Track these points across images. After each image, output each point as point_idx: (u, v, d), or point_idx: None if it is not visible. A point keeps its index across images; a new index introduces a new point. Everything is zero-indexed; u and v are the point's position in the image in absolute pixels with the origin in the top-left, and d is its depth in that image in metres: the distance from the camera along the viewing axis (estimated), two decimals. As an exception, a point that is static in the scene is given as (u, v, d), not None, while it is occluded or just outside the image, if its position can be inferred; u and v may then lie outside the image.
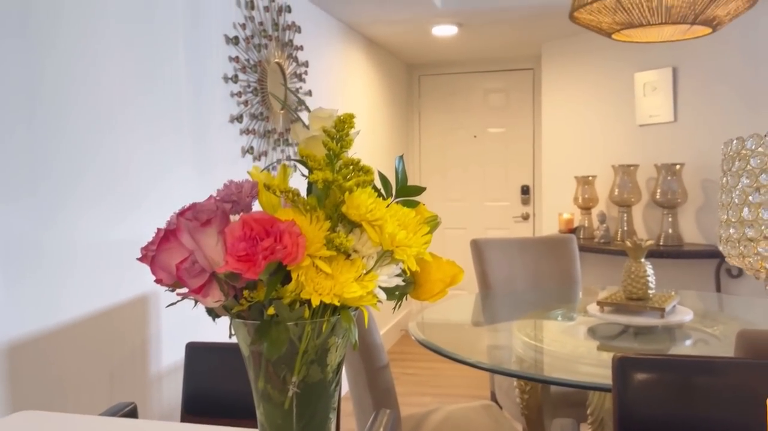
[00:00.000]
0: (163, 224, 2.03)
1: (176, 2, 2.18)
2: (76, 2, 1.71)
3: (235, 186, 0.75)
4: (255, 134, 2.66)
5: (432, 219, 0.68)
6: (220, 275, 0.59)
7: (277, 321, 0.62)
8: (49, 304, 1.60)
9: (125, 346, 1.88)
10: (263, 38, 2.70)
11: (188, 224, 0.58)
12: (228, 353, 1.33)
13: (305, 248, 0.59)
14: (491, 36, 4.12)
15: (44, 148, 1.60)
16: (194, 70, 2.27)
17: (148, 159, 2.01)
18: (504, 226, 4.99)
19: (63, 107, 1.66)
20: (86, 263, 1.73)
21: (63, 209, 1.65)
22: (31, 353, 1.54)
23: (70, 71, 1.69)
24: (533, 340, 1.95)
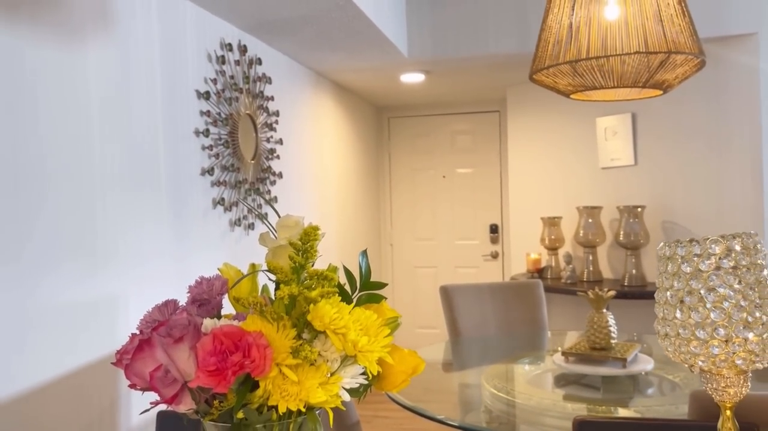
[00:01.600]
0: (135, 279, 2.04)
1: (154, 60, 2.22)
2: (57, 66, 1.74)
3: (206, 284, 0.79)
4: (226, 185, 2.69)
5: (393, 320, 0.72)
6: (191, 387, 0.63)
7: (246, 424, 0.66)
8: (19, 367, 1.60)
9: (93, 408, 1.87)
10: (234, 91, 2.75)
11: (162, 340, 0.62)
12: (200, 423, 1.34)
13: (272, 359, 0.63)
14: (457, 82, 4.23)
15: (20, 222, 1.61)
16: (169, 125, 2.30)
17: (122, 213, 2.02)
18: (474, 264, 5.06)
19: (43, 171, 1.68)
20: (56, 325, 1.73)
21: (33, 275, 1.66)
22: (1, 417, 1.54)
23: (53, 137, 1.71)
24: (500, 391, 1.99)
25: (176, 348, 0.62)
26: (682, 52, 1.71)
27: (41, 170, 1.70)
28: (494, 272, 5.01)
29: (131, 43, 2.11)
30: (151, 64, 2.22)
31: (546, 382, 2.12)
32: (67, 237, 1.79)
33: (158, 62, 2.26)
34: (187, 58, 2.44)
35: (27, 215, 1.65)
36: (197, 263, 2.48)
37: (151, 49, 2.23)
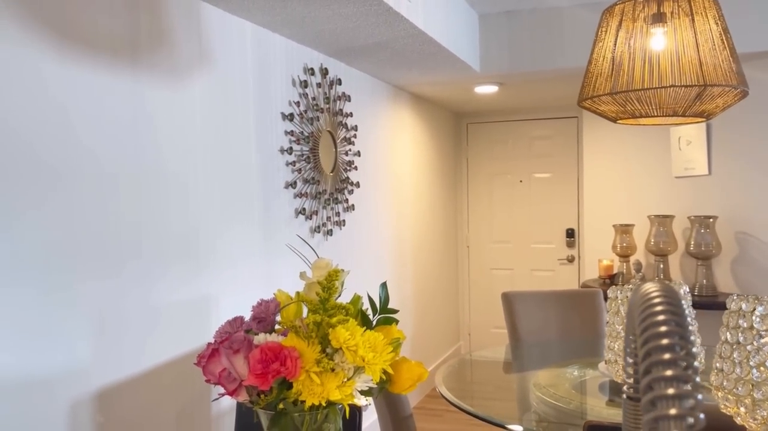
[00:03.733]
0: (229, 282, 2.37)
1: (248, 89, 2.55)
2: (170, 103, 2.08)
3: (264, 305, 1.06)
4: (307, 196, 3.00)
5: (396, 340, 0.95)
6: (246, 385, 0.89)
7: (285, 412, 0.91)
8: (132, 356, 1.96)
9: (190, 393, 2.22)
10: (316, 111, 3.05)
11: (225, 350, 0.88)
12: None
13: (302, 367, 0.88)
14: (531, 92, 4.35)
15: (135, 222, 1.97)
16: (259, 144, 2.63)
17: (219, 222, 2.36)
18: (549, 268, 5.15)
19: (158, 188, 2.03)
20: (166, 321, 2.08)
21: (149, 277, 2.01)
22: (116, 398, 1.90)
23: (168, 161, 2.06)
24: (545, 395, 2.17)
25: (235, 357, 0.88)
26: (717, 85, 1.82)
27: (157, 187, 2.05)
28: (569, 277, 5.08)
29: (229, 76, 2.44)
30: (246, 92, 2.55)
31: (591, 388, 2.27)
32: (175, 244, 2.14)
33: (251, 90, 2.59)
34: (275, 85, 2.76)
35: (144, 224, 2.01)
36: (281, 267, 2.80)
37: (246, 79, 2.55)
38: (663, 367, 0.28)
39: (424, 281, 4.65)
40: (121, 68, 1.93)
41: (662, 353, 0.29)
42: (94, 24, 1.84)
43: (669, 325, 0.30)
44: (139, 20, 2.01)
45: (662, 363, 0.29)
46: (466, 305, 5.47)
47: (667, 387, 0.28)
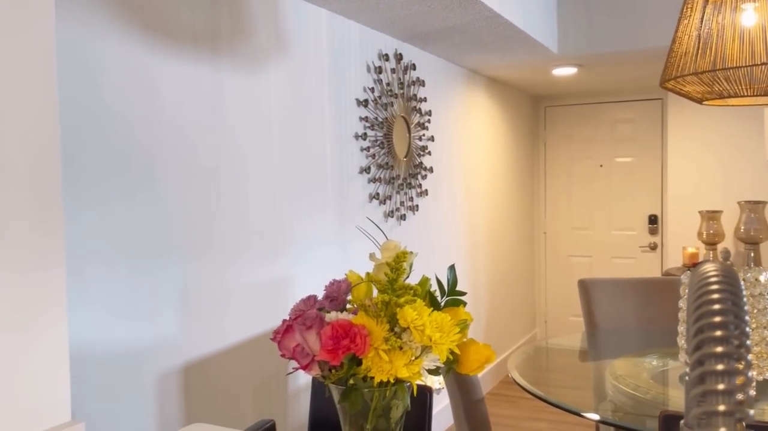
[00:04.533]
0: (304, 264, 2.44)
1: (323, 76, 2.60)
2: (247, 89, 2.16)
3: (336, 285, 1.09)
4: (381, 181, 3.03)
5: (463, 322, 0.96)
6: (318, 359, 0.93)
7: (355, 388, 0.95)
8: (215, 333, 2.06)
9: (268, 368, 2.31)
10: (390, 97, 3.07)
11: (299, 327, 0.92)
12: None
13: (371, 344, 0.91)
14: (612, 73, 4.21)
15: (217, 216, 2.06)
16: (333, 130, 2.68)
17: (295, 207, 2.44)
18: (631, 255, 4.99)
19: (236, 174, 2.12)
20: (243, 299, 2.17)
21: (228, 259, 2.11)
22: (199, 372, 2.00)
23: (245, 147, 2.15)
24: (622, 384, 2.12)
25: (308, 333, 0.92)
26: (813, 62, 1.71)
27: (235, 173, 2.14)
28: (651, 265, 4.91)
29: (305, 63, 2.50)
30: (321, 79, 2.60)
31: (671, 378, 2.20)
32: (253, 227, 2.22)
33: (326, 77, 2.64)
34: (350, 71, 2.80)
35: (224, 208, 2.10)
36: (355, 250, 2.86)
37: (321, 66, 2.61)
38: (714, 344, 0.28)
39: (499, 268, 4.61)
40: (203, 58, 2.02)
41: (714, 330, 0.29)
42: (177, 17, 1.92)
43: (723, 303, 0.30)
44: (220, 11, 2.08)
45: (714, 340, 0.29)
46: (542, 292, 5.38)
47: (717, 363, 0.28)
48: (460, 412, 2.02)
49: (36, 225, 1.10)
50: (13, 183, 1.07)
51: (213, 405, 2.05)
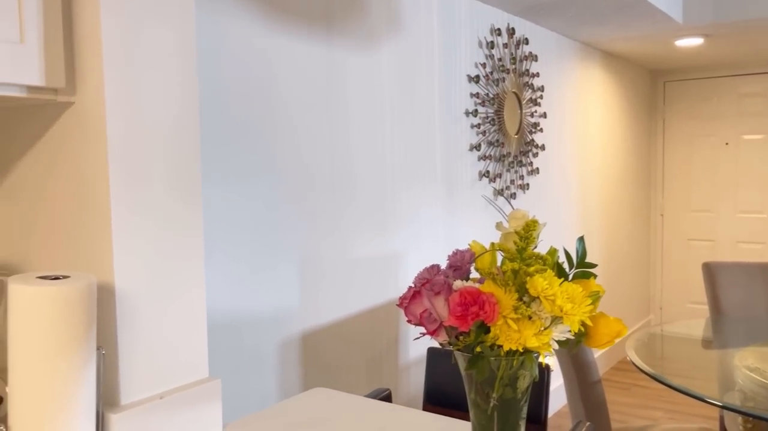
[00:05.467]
0: (413, 240, 2.46)
1: (433, 52, 2.59)
2: (360, 67, 2.20)
3: (459, 255, 1.09)
4: (491, 158, 2.99)
5: (595, 294, 0.94)
6: (446, 325, 0.93)
7: (482, 356, 0.94)
8: (331, 304, 2.12)
9: (381, 340, 2.36)
10: (501, 72, 3.01)
11: (427, 292, 0.93)
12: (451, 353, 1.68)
13: (499, 312, 0.90)
14: (741, 43, 3.90)
15: (335, 193, 2.12)
16: (443, 107, 2.67)
17: (404, 185, 2.46)
18: (760, 240, 4.65)
19: (350, 153, 2.17)
20: (357, 274, 2.23)
21: (345, 235, 2.16)
22: (317, 341, 2.08)
23: (357, 124, 2.19)
24: (753, 373, 1.99)
25: (436, 299, 0.92)
26: None
27: (347, 150, 2.18)
28: (783, 250, 4.55)
29: (415, 40, 2.50)
30: (431, 55, 2.60)
31: (810, 370, 2.04)
32: (365, 203, 2.26)
33: (436, 53, 2.62)
34: (460, 47, 2.77)
35: (338, 184, 2.15)
36: (463, 228, 2.84)
37: (431, 42, 2.60)
38: None
39: (612, 250, 4.44)
40: (317, 37, 2.06)
41: None
42: (298, -5, 1.98)
43: None
44: (337, -11, 2.12)
45: None
46: (657, 277, 5.13)
47: None
48: (576, 394, 1.97)
49: (178, 197, 1.18)
50: (160, 159, 1.15)
51: (328, 373, 2.12)
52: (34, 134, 1.19)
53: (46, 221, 1.18)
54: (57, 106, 1.13)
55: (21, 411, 0.95)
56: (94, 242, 1.10)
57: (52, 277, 0.99)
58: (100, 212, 1.09)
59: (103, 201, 1.08)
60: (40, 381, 0.94)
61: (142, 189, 1.12)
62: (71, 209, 1.13)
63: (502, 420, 0.98)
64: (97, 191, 1.09)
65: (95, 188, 1.09)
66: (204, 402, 1.20)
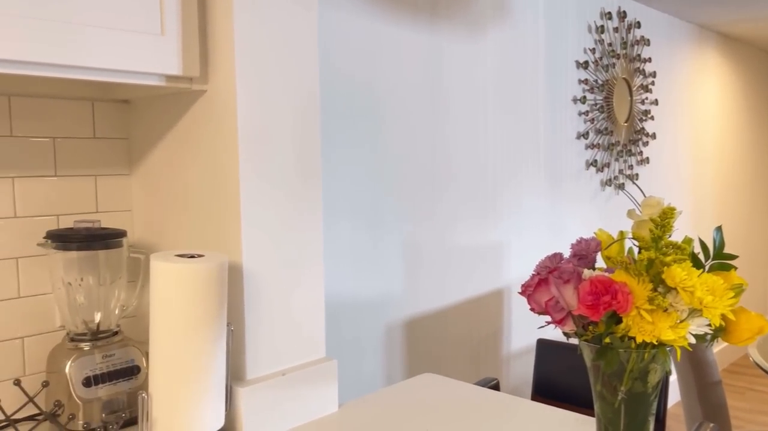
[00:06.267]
0: (516, 229, 2.42)
1: (538, 38, 2.53)
2: (464, 55, 2.18)
3: (584, 243, 1.06)
4: (599, 147, 2.89)
5: (737, 286, 0.88)
6: (574, 314, 0.91)
7: (611, 348, 0.92)
8: (433, 291, 2.13)
9: (483, 329, 2.34)
10: (611, 58, 2.89)
11: (555, 280, 0.91)
12: (570, 352, 1.64)
13: (633, 303, 0.87)
14: None
15: (438, 180, 2.12)
16: (548, 94, 2.61)
17: (506, 174, 2.42)
18: None
19: (450, 142, 2.16)
20: (460, 263, 2.22)
21: (448, 223, 2.16)
22: (419, 328, 2.09)
23: (458, 112, 2.18)
24: None
25: (565, 287, 0.90)
26: None
27: (449, 138, 2.17)
28: None
29: (521, 26, 2.44)
30: (536, 41, 2.53)
31: None
32: (467, 193, 2.25)
33: (542, 39, 2.56)
34: (567, 32, 2.68)
35: (441, 173, 2.14)
36: (567, 218, 2.77)
37: (537, 28, 2.53)
38: None
39: (729, 246, 4.18)
40: (421, 24, 2.06)
41: None
42: (408, -17, 1.98)
43: None
44: (446, -24, 2.10)
45: None
46: (777, 275, 4.79)
47: None
48: (693, 394, 1.88)
49: (301, 183, 1.21)
50: (285, 146, 1.19)
51: (431, 360, 2.13)
52: (168, 121, 1.26)
53: (179, 202, 1.25)
54: (191, 94, 1.20)
55: (159, 380, 1.01)
56: (224, 224, 1.15)
57: (189, 255, 1.05)
58: (230, 195, 1.14)
59: (233, 185, 1.13)
60: (178, 353, 1.00)
61: (268, 174, 1.16)
62: (203, 192, 1.20)
63: (630, 415, 0.95)
64: (227, 175, 1.14)
65: (225, 172, 1.14)
66: (322, 381, 1.24)
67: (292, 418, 1.19)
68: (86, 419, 1.11)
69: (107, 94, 1.31)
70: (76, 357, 1.13)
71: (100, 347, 1.17)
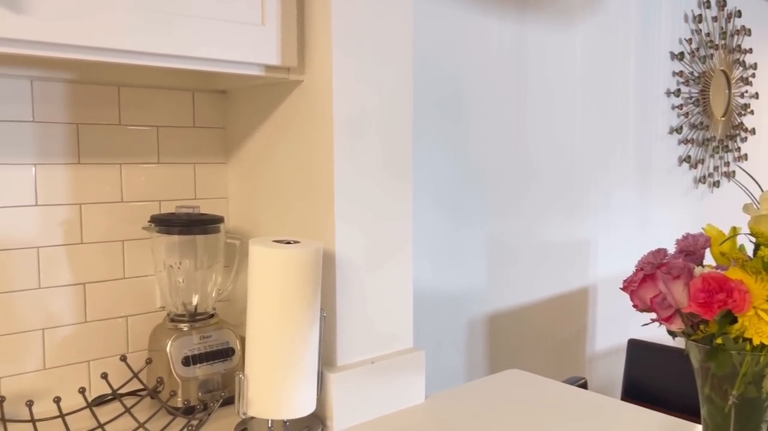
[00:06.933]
0: (603, 226, 2.34)
1: (630, 28, 2.44)
2: (551, 46, 2.13)
3: (692, 239, 1.01)
4: (693, 143, 2.75)
5: None
6: (683, 312, 0.87)
7: (723, 349, 0.87)
8: (517, 287, 2.09)
9: (567, 328, 2.28)
10: (709, 49, 2.75)
11: (663, 276, 0.87)
12: (664, 353, 1.57)
13: (750, 302, 0.82)
14: None
15: (523, 173, 2.08)
16: (639, 87, 2.51)
17: (594, 169, 2.34)
18: None
19: (535, 136, 2.11)
20: (544, 258, 2.17)
21: (532, 217, 2.12)
22: (500, 323, 2.06)
23: (544, 106, 2.13)
24: None
25: (674, 283, 0.86)
26: None
27: (535, 130, 2.13)
28: None
29: (611, 16, 2.36)
30: (627, 32, 2.44)
31: None
32: (554, 188, 2.19)
33: (634, 29, 2.46)
34: (661, 22, 2.57)
35: (525, 168, 2.10)
36: (657, 216, 2.65)
37: (628, 18, 2.44)
38: None
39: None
40: (508, 12, 2.02)
41: None
42: (498, -27, 1.95)
43: None
44: (537, -35, 2.05)
45: None
46: None
47: None
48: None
49: (393, 173, 1.21)
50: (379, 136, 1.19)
51: (511, 356, 2.09)
52: (264, 111, 1.29)
53: (273, 191, 1.28)
54: (287, 84, 1.22)
55: (256, 361, 1.03)
56: (317, 212, 1.17)
57: (285, 241, 1.07)
58: (323, 185, 1.15)
59: (327, 174, 1.14)
60: (275, 336, 1.02)
61: (361, 164, 1.17)
62: (296, 181, 1.22)
63: (740, 421, 0.90)
64: (322, 165, 1.15)
65: (319, 162, 1.16)
66: (410, 371, 1.24)
67: (379, 406, 1.19)
68: (184, 397, 1.16)
69: (207, 84, 1.36)
70: (176, 336, 1.18)
71: (197, 328, 1.21)
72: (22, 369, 1.16)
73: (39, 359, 1.18)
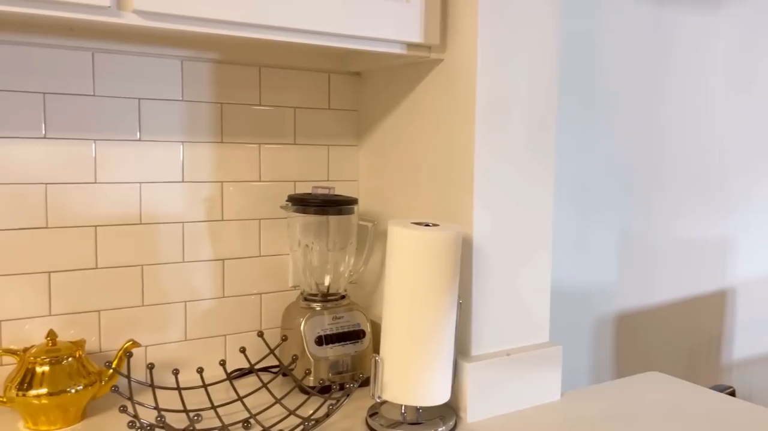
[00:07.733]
0: (742, 224, 2.16)
1: (781, 11, 2.22)
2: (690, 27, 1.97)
3: None
4: None
5: None
6: None
7: None
8: (648, 286, 1.96)
9: (703, 333, 2.12)
10: None
11: None
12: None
13: None
14: None
15: (656, 165, 1.94)
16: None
17: (740, 166, 2.16)
18: None
19: (671, 123, 1.97)
20: (678, 257, 2.02)
21: (666, 211, 1.98)
22: (630, 323, 1.94)
23: (681, 89, 1.97)
24: None
25: None
26: None
27: (675, 121, 1.98)
28: None
29: (766, -5, 2.15)
30: (781, 12, 2.22)
31: None
32: (691, 183, 2.03)
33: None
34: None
35: (661, 161, 1.96)
36: (811, 217, 2.41)
37: (783, -3, 2.21)
38: None
39: None
40: (664, -8, 1.88)
41: None
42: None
43: None
44: (684, -61, 1.90)
45: None
46: None
47: None
48: None
49: (535, 158, 1.15)
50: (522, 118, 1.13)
51: (640, 358, 1.97)
52: (399, 92, 1.26)
53: (406, 174, 1.25)
54: (427, 63, 1.18)
55: (392, 344, 1.01)
56: (454, 196, 1.13)
57: (424, 224, 1.04)
58: (463, 168, 1.11)
59: (467, 158, 1.10)
60: (412, 320, 1.00)
61: (503, 148, 1.12)
62: (433, 164, 1.18)
63: None
64: (462, 147, 1.11)
65: (459, 145, 1.11)
66: (546, 366, 1.18)
67: (514, 401, 1.14)
68: (317, 376, 1.16)
69: (342, 65, 1.35)
70: (309, 316, 1.18)
71: (329, 309, 1.21)
72: (166, 339, 1.21)
73: (181, 330, 1.22)
